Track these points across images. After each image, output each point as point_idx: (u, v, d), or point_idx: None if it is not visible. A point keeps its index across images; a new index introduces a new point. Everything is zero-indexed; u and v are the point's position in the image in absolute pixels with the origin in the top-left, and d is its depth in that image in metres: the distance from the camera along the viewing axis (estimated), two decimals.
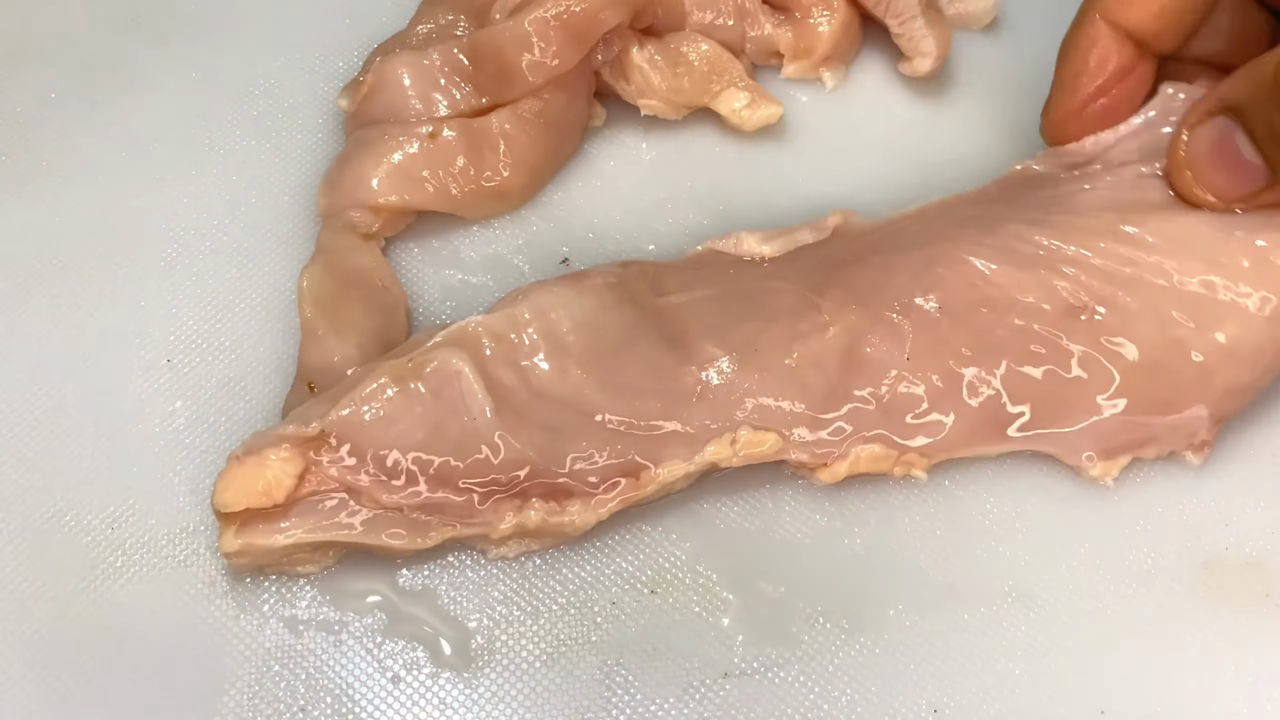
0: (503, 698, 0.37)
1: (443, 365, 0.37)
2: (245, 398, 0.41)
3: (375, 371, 0.37)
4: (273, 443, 0.36)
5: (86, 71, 0.48)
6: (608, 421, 0.37)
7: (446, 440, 0.36)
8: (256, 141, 0.46)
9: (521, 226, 0.45)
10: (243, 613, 0.38)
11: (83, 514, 0.39)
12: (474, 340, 0.37)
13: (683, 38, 0.45)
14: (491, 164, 0.44)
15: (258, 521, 0.36)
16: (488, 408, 0.37)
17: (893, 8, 0.46)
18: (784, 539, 0.39)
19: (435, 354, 0.37)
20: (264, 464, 0.36)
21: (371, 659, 0.37)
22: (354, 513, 0.36)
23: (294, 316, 0.42)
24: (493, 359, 0.37)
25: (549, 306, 0.38)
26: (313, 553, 0.37)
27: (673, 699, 0.37)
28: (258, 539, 0.36)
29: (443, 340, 0.37)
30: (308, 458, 0.36)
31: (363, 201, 0.42)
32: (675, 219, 0.45)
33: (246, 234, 0.44)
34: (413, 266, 0.44)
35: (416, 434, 0.36)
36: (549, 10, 0.42)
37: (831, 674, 0.37)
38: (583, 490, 0.37)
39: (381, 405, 0.36)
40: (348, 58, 0.48)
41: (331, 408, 0.36)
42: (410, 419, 0.36)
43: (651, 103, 0.45)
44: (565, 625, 0.38)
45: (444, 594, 0.38)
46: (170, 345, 0.42)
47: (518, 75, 0.43)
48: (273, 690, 0.37)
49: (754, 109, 0.45)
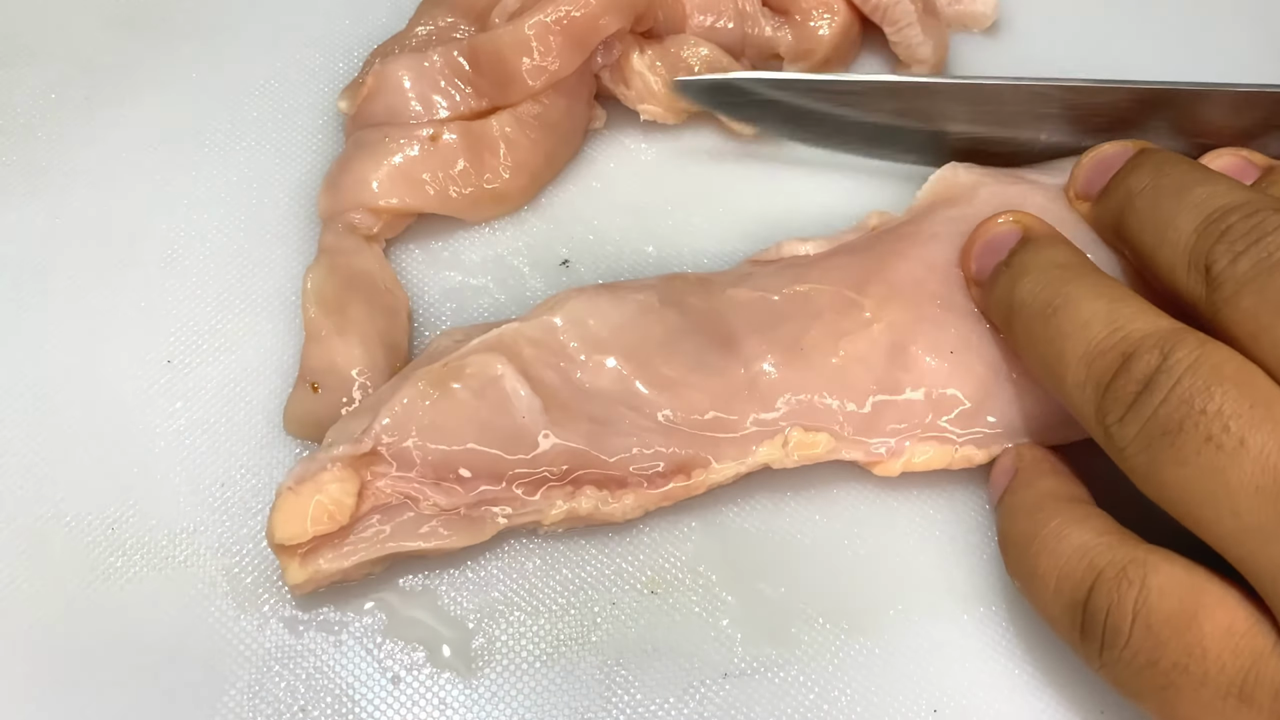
0: (503, 698, 0.37)
1: (483, 368, 0.37)
2: (245, 398, 0.41)
3: (411, 379, 0.37)
4: (324, 466, 0.36)
5: (86, 72, 0.48)
6: (655, 415, 0.37)
7: (494, 437, 0.36)
8: (256, 142, 0.46)
9: (522, 228, 0.45)
10: (243, 613, 0.38)
11: (83, 515, 0.39)
12: (511, 345, 0.37)
13: (682, 41, 0.45)
14: (492, 167, 0.44)
15: (319, 547, 0.36)
16: (533, 404, 0.37)
17: (889, 15, 0.46)
18: (784, 539, 0.39)
19: (473, 358, 0.37)
20: (320, 489, 0.35)
21: (371, 659, 0.37)
22: (412, 519, 0.36)
23: (294, 317, 0.42)
24: (531, 361, 0.37)
25: (585, 314, 0.38)
26: (374, 565, 0.37)
27: (673, 699, 0.37)
28: (324, 565, 0.35)
29: (479, 345, 0.37)
30: (362, 475, 0.36)
31: (363, 204, 0.42)
32: (675, 220, 0.45)
33: (246, 235, 0.44)
34: (413, 268, 0.44)
35: (463, 434, 0.36)
36: (549, 15, 0.42)
37: (831, 674, 0.37)
38: (635, 481, 0.37)
39: (424, 410, 0.36)
40: (348, 59, 0.48)
41: (371, 420, 0.36)
42: (455, 420, 0.36)
43: (652, 108, 0.45)
44: (565, 625, 0.38)
45: (444, 594, 0.38)
46: (170, 345, 0.42)
47: (517, 79, 0.43)
48: (273, 690, 0.37)
49: None
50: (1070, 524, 0.34)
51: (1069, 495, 0.35)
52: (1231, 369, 0.31)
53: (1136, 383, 0.31)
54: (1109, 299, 0.34)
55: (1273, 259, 0.31)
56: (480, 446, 0.36)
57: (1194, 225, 0.33)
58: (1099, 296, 0.34)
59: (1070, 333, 0.34)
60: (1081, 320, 0.33)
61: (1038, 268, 0.36)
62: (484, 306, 0.43)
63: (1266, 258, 0.31)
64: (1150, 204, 0.35)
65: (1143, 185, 0.36)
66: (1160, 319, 0.33)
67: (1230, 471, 0.30)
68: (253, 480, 0.40)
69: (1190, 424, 0.30)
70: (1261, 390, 0.30)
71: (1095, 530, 0.33)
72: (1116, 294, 0.34)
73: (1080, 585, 0.32)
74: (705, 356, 0.38)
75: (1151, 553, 0.31)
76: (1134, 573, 0.31)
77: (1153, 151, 0.38)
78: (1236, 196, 0.33)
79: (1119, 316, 0.33)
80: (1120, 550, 0.32)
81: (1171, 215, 0.34)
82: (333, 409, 0.39)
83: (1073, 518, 0.34)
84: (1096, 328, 0.33)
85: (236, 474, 0.40)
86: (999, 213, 0.38)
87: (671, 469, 0.37)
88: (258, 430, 0.41)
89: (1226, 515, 0.30)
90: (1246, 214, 0.32)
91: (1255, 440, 0.29)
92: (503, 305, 0.43)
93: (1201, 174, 0.35)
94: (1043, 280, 0.35)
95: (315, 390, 0.39)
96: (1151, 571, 0.31)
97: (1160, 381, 0.31)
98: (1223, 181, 0.34)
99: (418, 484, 0.36)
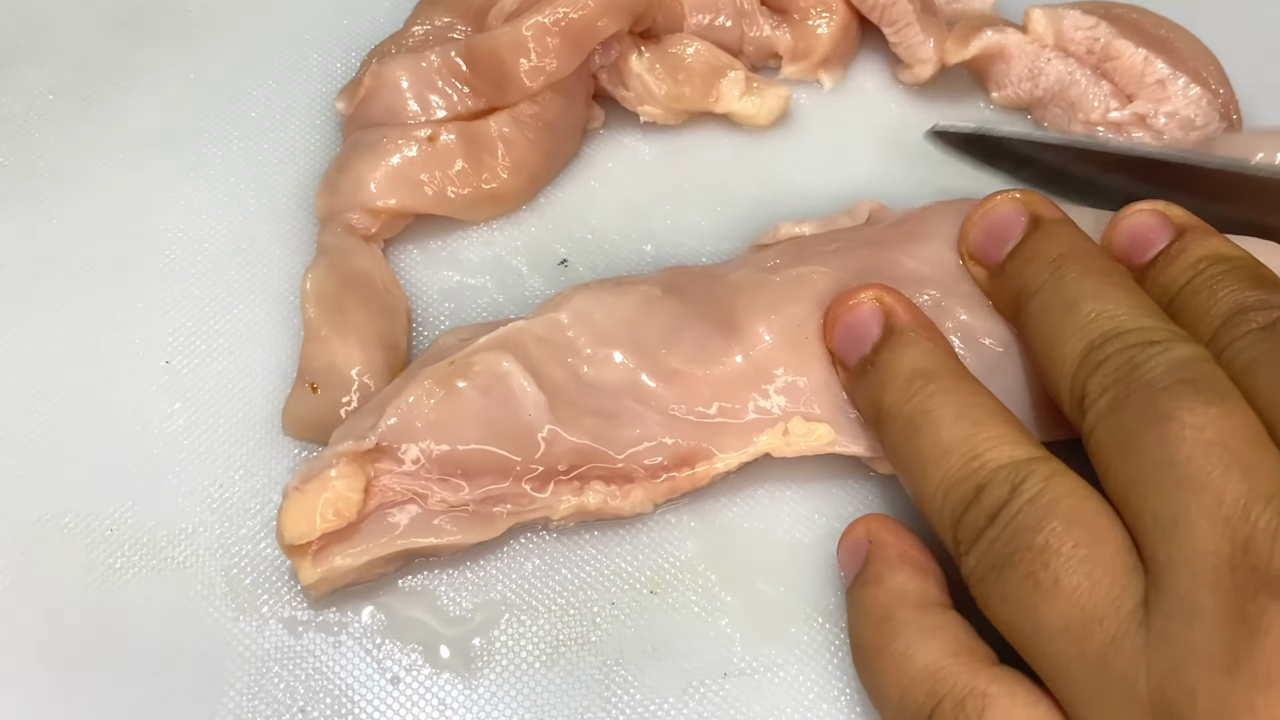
0: (502, 698, 0.37)
1: (489, 365, 0.37)
2: (244, 398, 0.41)
3: (417, 377, 0.37)
4: (329, 464, 0.36)
5: (84, 73, 0.48)
6: (660, 408, 0.37)
7: (501, 434, 0.36)
8: (254, 143, 0.47)
9: (520, 228, 0.45)
10: (242, 613, 0.38)
11: (82, 515, 0.39)
12: (518, 342, 0.37)
13: (681, 41, 0.45)
14: (490, 167, 0.44)
15: (330, 545, 0.36)
16: (539, 401, 0.37)
17: (887, 15, 0.46)
18: (784, 539, 0.39)
19: (479, 356, 0.37)
20: (326, 487, 0.35)
21: (371, 660, 0.37)
22: (421, 516, 0.36)
23: (293, 317, 0.42)
24: (538, 358, 0.37)
25: (591, 309, 0.38)
26: (386, 564, 0.37)
27: (672, 699, 0.37)
28: (335, 563, 0.35)
29: (486, 343, 0.37)
30: (368, 472, 0.36)
31: (361, 204, 0.42)
32: (674, 219, 0.45)
33: (244, 235, 0.44)
34: (412, 268, 0.44)
35: (470, 431, 0.36)
36: (547, 16, 0.42)
37: (831, 674, 0.37)
38: (641, 475, 0.37)
39: (430, 408, 0.36)
40: (345, 59, 0.48)
41: (378, 419, 0.36)
42: (461, 417, 0.36)
43: (651, 109, 0.45)
44: (565, 625, 0.38)
45: (443, 594, 0.38)
46: (169, 346, 0.42)
47: (515, 80, 0.43)
48: (272, 691, 0.37)
49: (762, 97, 0.45)
50: (918, 640, 0.32)
51: (919, 598, 0.34)
52: (1067, 505, 0.30)
53: (985, 517, 0.31)
54: (970, 422, 0.33)
55: (1128, 398, 0.31)
56: (487, 444, 0.36)
57: (1078, 351, 0.33)
58: (959, 419, 0.33)
59: (931, 459, 0.33)
60: (941, 448, 0.33)
61: (901, 377, 0.35)
62: (483, 306, 0.43)
63: (1123, 394, 0.31)
64: (1041, 313, 0.35)
65: (1039, 284, 0.35)
66: (1018, 446, 0.32)
67: (1043, 609, 0.30)
68: (252, 481, 0.40)
69: (1016, 559, 0.30)
70: (1091, 529, 0.30)
71: (942, 649, 0.32)
72: (979, 414, 0.33)
73: (920, 711, 0.31)
74: (708, 343, 0.38)
75: (994, 681, 0.31)
76: (972, 706, 0.30)
77: (1047, 227, 0.37)
78: (1120, 321, 0.33)
79: (977, 445, 0.32)
80: (963, 678, 0.31)
81: (1059, 336, 0.34)
82: (332, 409, 0.39)
83: (921, 631, 0.33)
84: (954, 458, 0.33)
85: (236, 474, 0.40)
86: (860, 287, 0.37)
87: (676, 461, 0.37)
88: (257, 431, 0.41)
89: (1039, 654, 0.30)
90: (1122, 346, 0.32)
91: (1069, 580, 0.29)
92: (501, 305, 0.43)
93: (1094, 283, 0.34)
94: (906, 393, 0.34)
95: (314, 390, 0.39)
96: (990, 706, 0.30)
97: (1002, 515, 0.31)
98: (1114, 294, 0.34)
99: (424, 481, 0.36)
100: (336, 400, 0.39)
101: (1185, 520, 0.29)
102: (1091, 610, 0.29)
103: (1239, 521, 0.28)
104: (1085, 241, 0.36)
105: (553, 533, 0.39)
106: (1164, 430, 0.30)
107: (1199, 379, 0.31)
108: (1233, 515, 0.28)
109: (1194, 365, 0.31)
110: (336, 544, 0.36)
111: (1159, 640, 0.28)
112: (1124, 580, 0.29)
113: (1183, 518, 0.29)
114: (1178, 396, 0.30)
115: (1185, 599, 0.28)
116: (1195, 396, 0.30)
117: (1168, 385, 0.31)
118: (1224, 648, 0.27)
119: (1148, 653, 0.28)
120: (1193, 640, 0.28)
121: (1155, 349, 0.32)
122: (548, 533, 0.39)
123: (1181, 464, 0.29)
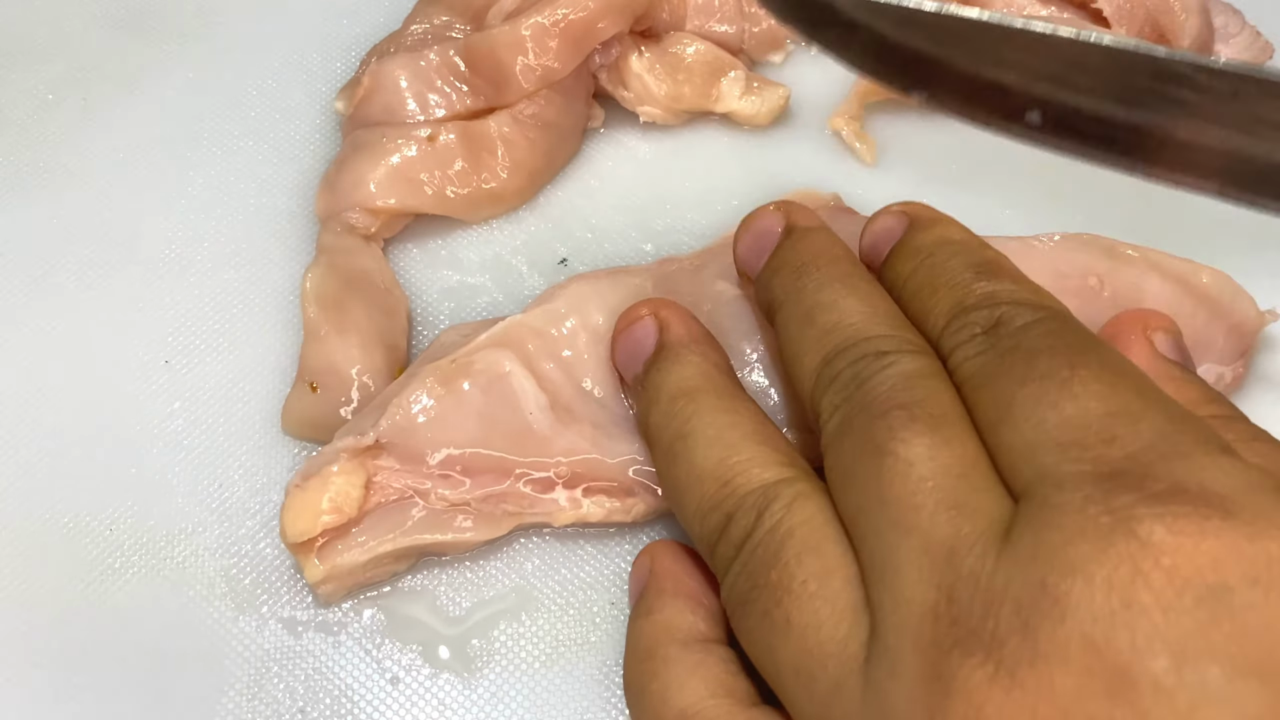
0: (502, 698, 0.37)
1: (490, 364, 0.37)
2: (244, 398, 0.41)
3: (419, 375, 0.37)
4: (330, 460, 0.36)
5: (84, 72, 0.48)
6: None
7: (501, 434, 0.37)
8: (254, 142, 0.47)
9: (520, 227, 0.45)
10: (242, 613, 0.38)
11: (81, 515, 0.39)
12: (517, 338, 0.38)
13: (681, 40, 0.45)
14: (489, 167, 0.44)
15: (334, 542, 0.36)
16: (540, 402, 0.37)
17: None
18: None
19: (480, 354, 0.37)
20: (327, 482, 0.35)
21: (370, 660, 0.37)
22: (425, 513, 0.36)
23: (292, 317, 0.42)
24: (537, 355, 0.38)
25: (586, 298, 0.38)
26: (394, 563, 0.37)
27: None
28: (339, 559, 0.36)
29: (486, 340, 0.37)
30: (368, 468, 0.36)
31: (361, 204, 0.42)
32: (674, 219, 0.45)
33: (244, 235, 0.44)
34: (412, 268, 0.44)
35: (470, 430, 0.36)
36: (547, 17, 0.42)
37: None
38: (641, 488, 0.37)
39: (431, 406, 0.36)
40: (345, 59, 0.48)
41: (379, 416, 0.36)
42: (462, 416, 0.36)
43: (651, 110, 0.45)
44: (565, 625, 0.38)
45: (443, 594, 0.38)
46: (168, 346, 0.42)
47: (514, 80, 0.43)
48: (271, 691, 0.37)
49: (762, 97, 0.45)
50: (676, 680, 0.31)
51: (687, 632, 0.32)
52: (802, 534, 0.29)
53: (734, 547, 0.30)
54: (724, 445, 0.32)
55: (850, 423, 0.29)
56: (486, 441, 0.37)
57: (814, 367, 0.31)
58: (715, 441, 0.32)
59: (687, 485, 0.32)
60: (695, 474, 0.32)
61: (665, 396, 0.34)
62: (482, 306, 0.43)
63: (847, 418, 0.29)
64: (784, 325, 0.33)
65: (784, 295, 0.34)
66: (768, 468, 0.31)
67: (779, 650, 0.28)
68: (252, 481, 0.40)
69: (754, 596, 0.29)
70: (824, 560, 0.29)
71: (700, 691, 0.31)
72: (734, 436, 0.32)
73: None
74: None
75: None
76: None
77: (797, 236, 0.35)
78: (852, 332, 0.31)
79: (730, 468, 0.31)
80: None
81: (799, 349, 0.32)
82: (331, 409, 0.39)
83: (683, 670, 0.31)
84: (708, 484, 0.31)
85: (235, 475, 0.40)
86: (642, 302, 0.37)
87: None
88: (256, 431, 0.41)
89: (782, 694, 0.29)
90: (852, 360, 0.30)
91: (799, 619, 0.28)
92: (501, 304, 0.43)
93: (831, 292, 0.33)
94: (668, 413, 0.33)
95: (314, 390, 0.39)
96: None
97: (746, 546, 0.30)
98: (848, 303, 0.32)
99: (426, 477, 0.36)
100: (336, 400, 0.39)
101: (893, 565, 0.27)
102: (818, 653, 0.28)
103: (944, 568, 0.26)
104: (832, 248, 0.34)
105: (553, 533, 0.39)
106: (879, 464, 0.28)
107: (915, 404, 0.29)
108: (938, 560, 0.26)
109: (916, 384, 0.29)
110: (339, 539, 0.36)
111: (872, 692, 0.26)
112: (850, 619, 0.28)
113: (891, 562, 0.27)
114: (893, 426, 0.28)
115: (892, 650, 0.26)
116: (909, 426, 0.28)
117: (884, 411, 0.29)
118: (921, 707, 0.25)
119: (863, 704, 0.26)
120: (896, 697, 0.26)
121: (881, 362, 0.30)
122: (548, 533, 0.39)
123: (892, 503, 0.27)
